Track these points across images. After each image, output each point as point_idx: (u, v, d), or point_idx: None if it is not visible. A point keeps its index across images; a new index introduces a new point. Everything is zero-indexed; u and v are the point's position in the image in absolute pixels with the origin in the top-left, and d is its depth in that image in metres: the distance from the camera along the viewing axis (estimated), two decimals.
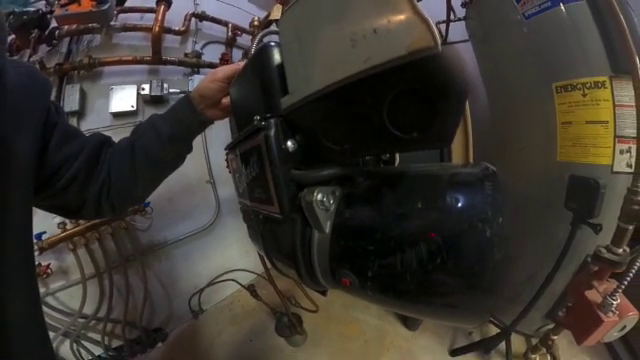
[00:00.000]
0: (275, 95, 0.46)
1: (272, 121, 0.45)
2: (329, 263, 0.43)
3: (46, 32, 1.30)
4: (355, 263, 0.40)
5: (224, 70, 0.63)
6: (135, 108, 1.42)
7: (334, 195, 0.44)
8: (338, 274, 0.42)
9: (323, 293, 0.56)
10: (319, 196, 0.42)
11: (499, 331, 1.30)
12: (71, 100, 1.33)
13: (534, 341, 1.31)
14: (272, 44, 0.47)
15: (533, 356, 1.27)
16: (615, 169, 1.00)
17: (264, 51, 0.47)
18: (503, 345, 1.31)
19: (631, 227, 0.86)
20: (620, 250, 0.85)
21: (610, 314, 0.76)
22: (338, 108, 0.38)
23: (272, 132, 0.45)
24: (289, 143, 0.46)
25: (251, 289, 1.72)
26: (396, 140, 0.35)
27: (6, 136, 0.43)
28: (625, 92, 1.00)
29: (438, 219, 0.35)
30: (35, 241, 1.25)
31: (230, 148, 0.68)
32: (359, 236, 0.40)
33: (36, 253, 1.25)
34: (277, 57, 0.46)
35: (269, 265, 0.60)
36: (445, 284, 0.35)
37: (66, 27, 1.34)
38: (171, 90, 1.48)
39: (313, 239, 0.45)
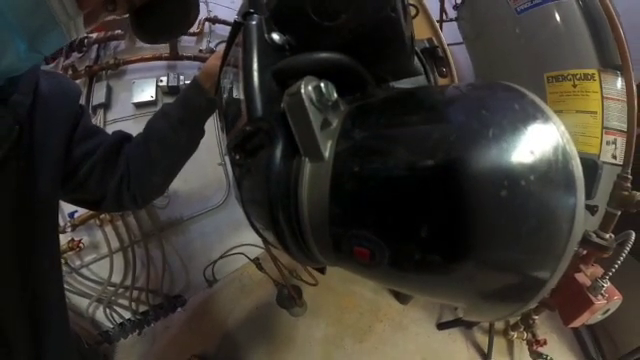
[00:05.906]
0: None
1: (255, 15, 0.30)
2: (329, 217, 0.20)
3: (76, 41, 1.24)
4: (385, 216, 0.18)
5: None
6: (154, 98, 1.36)
7: (336, 98, 0.23)
8: (346, 239, 0.20)
9: (321, 270, 0.35)
10: (312, 84, 0.21)
11: None
12: (99, 95, 1.30)
13: (513, 320, 1.20)
14: None
15: (512, 333, 1.17)
16: (602, 159, 0.88)
17: None
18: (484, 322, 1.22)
19: (619, 212, 0.77)
20: (607, 235, 0.76)
21: (600, 297, 0.66)
22: None
23: (253, 23, 0.29)
24: (275, 35, 0.29)
25: (256, 262, 1.65)
26: None
27: (41, 139, 0.43)
28: (611, 85, 0.89)
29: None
30: (68, 219, 1.21)
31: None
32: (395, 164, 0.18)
33: (69, 230, 1.21)
34: None
35: (254, 230, 0.35)
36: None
37: (94, 35, 1.29)
38: (187, 81, 1.40)
39: (302, 174, 0.22)
